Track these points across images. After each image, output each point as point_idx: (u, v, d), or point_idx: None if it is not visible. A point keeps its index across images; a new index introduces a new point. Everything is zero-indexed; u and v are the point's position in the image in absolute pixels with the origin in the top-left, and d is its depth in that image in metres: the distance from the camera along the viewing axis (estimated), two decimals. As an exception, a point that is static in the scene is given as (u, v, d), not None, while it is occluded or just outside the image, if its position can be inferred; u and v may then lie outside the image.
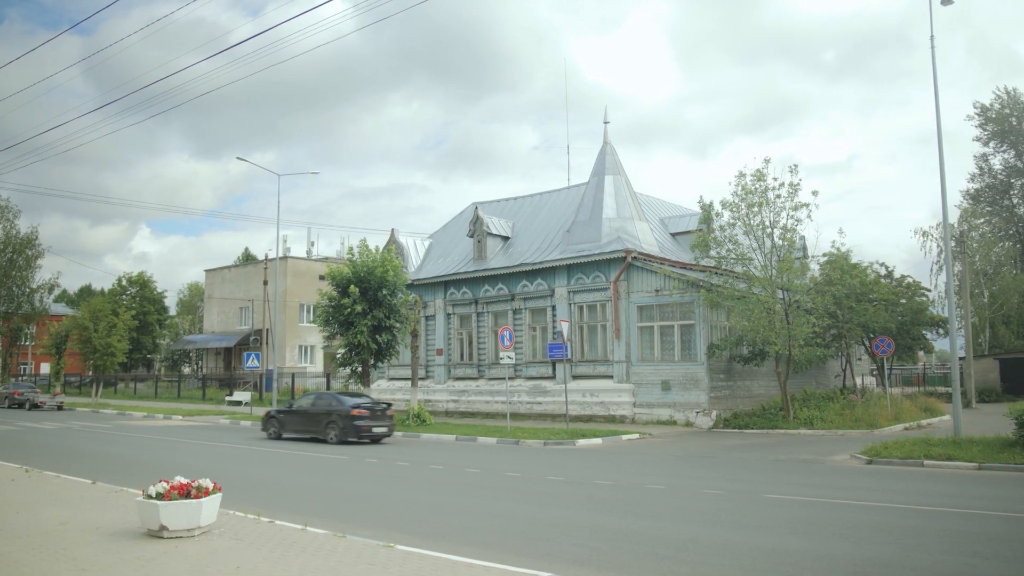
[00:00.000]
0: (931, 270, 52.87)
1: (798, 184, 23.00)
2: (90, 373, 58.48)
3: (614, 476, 14.31)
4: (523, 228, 33.23)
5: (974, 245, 50.47)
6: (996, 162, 57.69)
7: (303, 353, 56.73)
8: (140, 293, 59.62)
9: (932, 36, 17.84)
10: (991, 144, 56.98)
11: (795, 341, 23.61)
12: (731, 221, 23.88)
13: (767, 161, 23.44)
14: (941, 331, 31.04)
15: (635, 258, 27.11)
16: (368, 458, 17.91)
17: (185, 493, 8.39)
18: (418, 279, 33.19)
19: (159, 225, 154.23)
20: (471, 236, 32.97)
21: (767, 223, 23.26)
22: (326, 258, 61.43)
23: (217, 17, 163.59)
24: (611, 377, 27.80)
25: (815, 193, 22.82)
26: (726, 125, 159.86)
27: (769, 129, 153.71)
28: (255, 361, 32.77)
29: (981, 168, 58.51)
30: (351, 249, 28.19)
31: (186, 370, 69.33)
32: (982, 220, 54.52)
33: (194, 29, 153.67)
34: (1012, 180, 56.80)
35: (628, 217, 29.36)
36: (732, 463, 16.72)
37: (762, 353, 25.16)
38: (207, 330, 59.90)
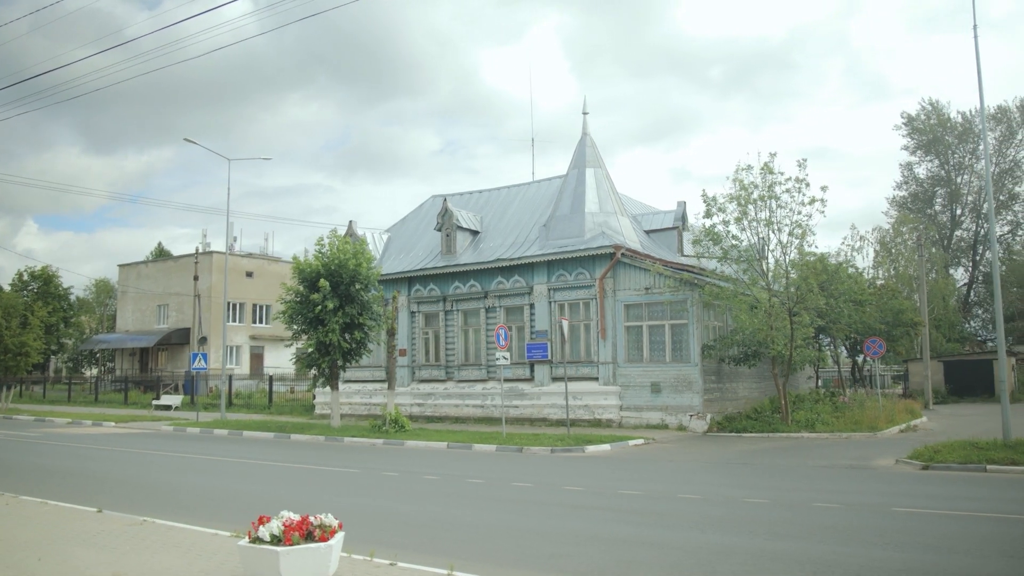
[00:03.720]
0: (866, 273, 54.17)
1: (805, 178, 22.24)
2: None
3: (693, 488, 12.88)
4: (493, 223, 31.53)
5: (904, 250, 52.01)
6: (920, 171, 59.77)
7: (229, 354, 53.21)
8: (44, 289, 54.58)
9: (975, 26, 17.27)
10: (917, 153, 58.94)
11: (795, 342, 22.92)
12: (737, 216, 22.89)
13: (773, 155, 22.62)
14: (914, 332, 31.15)
15: (624, 254, 25.89)
16: (385, 471, 15.94)
17: (307, 534, 6.44)
18: (380, 275, 30.99)
19: (48, 220, 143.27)
20: (439, 230, 31.03)
21: (775, 219, 22.40)
22: (250, 254, 58.04)
23: (113, 9, 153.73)
24: (596, 379, 26.47)
25: (824, 188, 22.11)
26: (622, 135, 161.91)
27: (663, 140, 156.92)
28: (202, 362, 29.84)
29: (905, 176, 60.53)
30: (320, 239, 25.91)
31: (90, 372, 64.27)
32: (908, 227, 56.17)
33: (87, 21, 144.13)
34: (936, 188, 58.86)
35: (611, 212, 28.14)
36: (782, 470, 15.64)
37: (756, 354, 24.41)
38: (120, 329, 55.43)
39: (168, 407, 37.63)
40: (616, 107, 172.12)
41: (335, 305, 24.49)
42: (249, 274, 53.86)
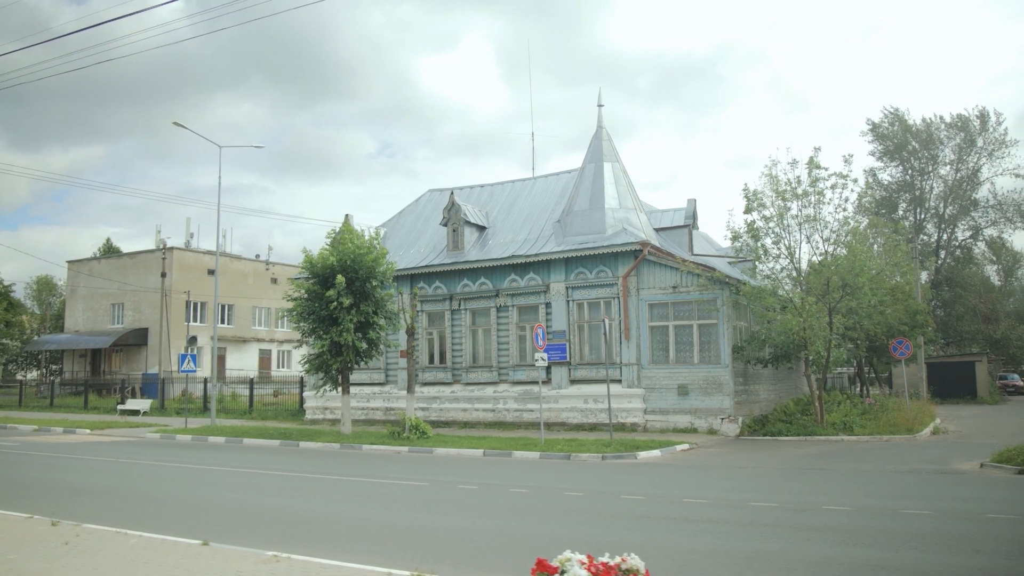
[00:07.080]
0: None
1: (850, 174, 21.64)
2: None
3: (833, 500, 11.87)
4: (500, 218, 30.21)
5: (872, 255, 52.51)
6: (885, 176, 60.60)
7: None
8: (-16, 287, 50.88)
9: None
10: (883, 159, 59.77)
11: (832, 342, 22.31)
12: (779, 211, 22.13)
13: (817, 149, 21.95)
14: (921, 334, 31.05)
15: (650, 251, 24.90)
16: (459, 484, 14.52)
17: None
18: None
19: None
20: (445, 225, 29.53)
21: (819, 216, 21.72)
22: (211, 251, 55.27)
23: (37, 3, 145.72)
24: (619, 381, 25.38)
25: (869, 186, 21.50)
26: (555, 142, 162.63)
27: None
28: (191, 364, 27.69)
29: (869, 182, 61.30)
30: (331, 232, 24.18)
31: (30, 375, 60.44)
32: (875, 230, 56.72)
33: (8, 15, 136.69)
34: (902, 193, 59.79)
35: (630, 208, 27.15)
36: (871, 475, 14.86)
37: (786, 355, 23.77)
38: (70, 329, 52.00)
39: (136, 412, 35.12)
40: (548, 114, 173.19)
41: (350, 303, 22.83)
42: (211, 272, 51.18)
